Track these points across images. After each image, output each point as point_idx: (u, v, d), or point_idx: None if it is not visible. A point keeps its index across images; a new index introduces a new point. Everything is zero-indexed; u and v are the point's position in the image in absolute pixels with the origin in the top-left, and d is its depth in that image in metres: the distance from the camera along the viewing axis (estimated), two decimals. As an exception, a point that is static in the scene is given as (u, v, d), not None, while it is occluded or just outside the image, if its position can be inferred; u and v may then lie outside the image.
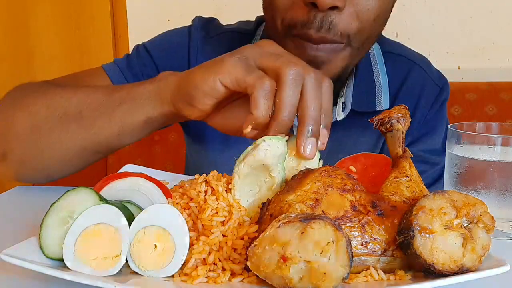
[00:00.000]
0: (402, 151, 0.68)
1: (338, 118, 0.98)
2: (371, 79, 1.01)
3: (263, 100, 0.64)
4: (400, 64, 1.05)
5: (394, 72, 1.03)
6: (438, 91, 1.06)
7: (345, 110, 0.98)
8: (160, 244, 0.56)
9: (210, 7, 1.95)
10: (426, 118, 1.05)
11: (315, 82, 0.66)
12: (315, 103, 0.65)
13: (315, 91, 0.65)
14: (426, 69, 1.07)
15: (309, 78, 0.65)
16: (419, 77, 1.05)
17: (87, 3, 2.04)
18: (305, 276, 0.50)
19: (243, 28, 1.09)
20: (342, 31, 0.81)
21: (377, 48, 1.05)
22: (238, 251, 0.57)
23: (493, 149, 0.71)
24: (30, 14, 2.06)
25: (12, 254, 0.52)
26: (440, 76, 1.09)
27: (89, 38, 2.07)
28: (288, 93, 0.64)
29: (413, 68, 1.05)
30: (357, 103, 0.98)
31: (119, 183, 0.64)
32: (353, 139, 1.01)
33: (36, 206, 0.79)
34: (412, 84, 1.04)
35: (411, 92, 1.03)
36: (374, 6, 0.82)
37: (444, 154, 1.05)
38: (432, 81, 1.06)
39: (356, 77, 0.99)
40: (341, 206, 0.57)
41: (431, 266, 0.52)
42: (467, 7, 1.86)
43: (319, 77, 0.67)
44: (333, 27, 0.80)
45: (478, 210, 0.55)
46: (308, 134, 0.64)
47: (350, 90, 0.99)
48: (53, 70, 2.09)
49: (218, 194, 0.62)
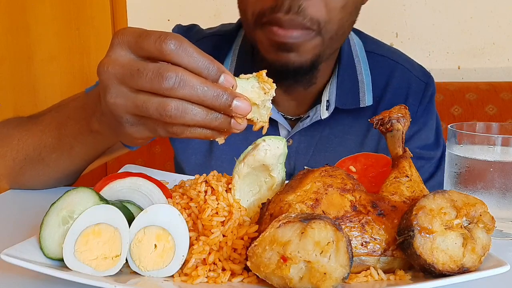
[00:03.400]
0: (402, 151, 0.68)
1: (323, 117, 0.99)
2: (354, 77, 1.01)
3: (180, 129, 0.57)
4: (384, 65, 1.06)
5: (378, 73, 1.04)
6: (424, 87, 1.06)
7: (329, 108, 0.99)
8: (160, 244, 0.56)
9: (210, 7, 1.95)
10: (417, 115, 1.05)
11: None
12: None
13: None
14: (409, 68, 1.08)
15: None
16: (404, 76, 1.06)
17: (87, 3, 2.04)
18: (305, 276, 0.50)
19: (224, 30, 1.09)
20: (312, 16, 0.82)
21: (360, 46, 1.06)
22: (238, 251, 0.57)
23: (493, 149, 0.71)
24: (30, 14, 2.06)
25: (12, 254, 0.52)
26: (424, 72, 1.10)
27: (89, 38, 2.07)
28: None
29: (396, 69, 1.06)
30: (341, 100, 0.99)
31: (119, 183, 0.64)
32: (339, 137, 1.02)
33: (36, 206, 0.79)
34: (397, 84, 1.05)
35: (397, 92, 1.04)
36: None
37: (437, 146, 1.07)
38: (417, 78, 1.07)
39: (339, 75, 1.00)
40: (341, 206, 0.57)
41: (431, 266, 0.52)
42: (467, 7, 1.86)
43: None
44: (302, 11, 0.81)
45: (478, 210, 0.55)
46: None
47: (333, 88, 1.00)
48: (53, 70, 2.10)
49: (218, 194, 0.62)
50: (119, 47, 0.57)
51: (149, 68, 0.54)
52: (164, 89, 0.54)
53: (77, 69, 2.09)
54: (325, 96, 0.99)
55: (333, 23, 0.85)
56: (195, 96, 0.54)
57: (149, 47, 0.55)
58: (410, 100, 1.04)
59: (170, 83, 0.53)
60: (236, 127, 0.57)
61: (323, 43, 0.87)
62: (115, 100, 0.57)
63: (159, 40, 0.54)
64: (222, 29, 1.11)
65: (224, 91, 0.55)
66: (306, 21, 0.82)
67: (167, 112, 0.54)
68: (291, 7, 0.81)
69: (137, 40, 0.56)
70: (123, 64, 0.56)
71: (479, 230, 0.54)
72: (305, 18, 0.82)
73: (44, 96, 2.12)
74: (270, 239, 0.51)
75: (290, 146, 1.02)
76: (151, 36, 0.55)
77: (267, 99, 0.59)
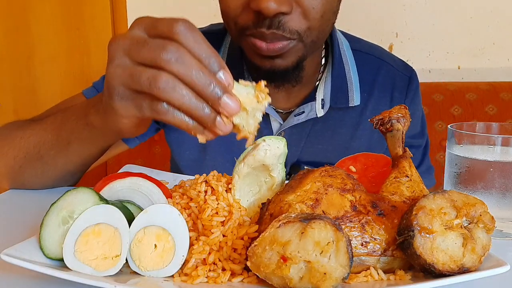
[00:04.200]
0: (402, 151, 0.68)
1: (319, 115, 1.02)
2: (344, 75, 1.05)
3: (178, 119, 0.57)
4: (370, 63, 1.10)
5: (364, 70, 1.08)
6: (408, 80, 1.12)
7: (324, 106, 1.02)
8: (160, 244, 0.56)
9: (209, 7, 1.95)
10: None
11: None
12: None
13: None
14: (393, 64, 1.13)
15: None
16: (388, 73, 1.11)
17: (87, 3, 2.04)
18: (305, 276, 0.50)
19: (213, 29, 1.11)
20: (291, 29, 0.85)
21: (347, 45, 1.09)
22: (238, 251, 0.57)
23: (493, 149, 0.71)
24: (30, 14, 2.06)
25: (12, 254, 0.52)
26: (406, 66, 1.15)
27: (89, 38, 2.07)
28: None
29: (382, 66, 1.11)
30: (333, 99, 1.03)
31: (119, 183, 0.64)
32: (330, 131, 1.05)
33: (36, 206, 0.79)
34: (383, 80, 1.10)
35: (383, 88, 1.09)
36: (319, 5, 0.85)
37: (423, 135, 1.13)
38: (400, 73, 1.12)
39: (333, 74, 1.04)
40: (341, 206, 0.57)
41: (431, 266, 0.52)
42: (467, 7, 1.86)
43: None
44: (282, 25, 0.84)
45: (478, 210, 0.55)
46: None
47: (328, 86, 1.03)
48: (53, 70, 2.09)
49: (218, 194, 0.62)
50: (136, 28, 0.59)
51: (154, 41, 0.56)
52: (160, 60, 0.54)
53: (77, 69, 2.09)
54: (320, 94, 1.03)
55: (313, 30, 0.88)
56: (188, 76, 0.54)
57: (162, 26, 0.56)
58: (396, 95, 1.10)
59: (168, 56, 0.54)
60: (220, 126, 0.56)
61: (305, 46, 0.89)
62: (115, 69, 0.58)
63: (172, 21, 0.56)
64: (211, 28, 1.12)
65: (217, 83, 0.55)
66: (286, 33, 0.85)
67: (156, 83, 0.54)
68: (272, 23, 0.83)
69: (153, 21, 0.58)
70: (133, 38, 0.58)
71: (479, 230, 0.54)
72: (284, 31, 0.84)
73: (44, 96, 2.12)
74: (270, 239, 0.51)
75: None
76: (166, 18, 0.57)
77: (259, 109, 0.58)
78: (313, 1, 0.85)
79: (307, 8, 0.85)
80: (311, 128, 1.05)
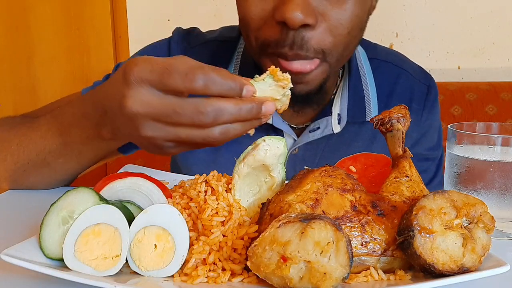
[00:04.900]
0: (402, 151, 0.68)
1: (335, 131, 0.98)
2: (361, 89, 1.00)
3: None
4: (388, 72, 1.05)
5: (383, 80, 1.03)
6: (426, 90, 1.06)
7: (341, 122, 0.98)
8: (160, 244, 0.56)
9: (210, 7, 1.95)
10: (422, 120, 1.05)
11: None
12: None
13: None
14: (411, 72, 1.07)
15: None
16: (407, 82, 1.06)
17: (87, 3, 2.04)
18: (305, 276, 0.50)
19: (226, 36, 1.07)
20: (316, 47, 0.81)
21: (364, 55, 1.05)
22: (238, 251, 0.57)
23: (493, 149, 0.71)
24: (30, 14, 2.06)
25: (12, 254, 0.52)
26: (425, 74, 1.09)
27: (89, 38, 2.07)
28: None
29: (400, 75, 1.06)
30: (350, 114, 0.98)
31: (119, 183, 0.64)
32: (346, 145, 1.01)
33: (36, 206, 0.79)
34: (401, 90, 1.04)
35: (401, 99, 1.03)
36: (347, 20, 0.81)
37: (439, 146, 1.08)
38: (418, 82, 1.07)
39: (350, 88, 0.99)
40: (341, 206, 0.57)
41: (431, 266, 0.52)
42: (467, 7, 1.86)
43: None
44: (305, 43, 0.80)
45: (478, 210, 0.55)
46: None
47: (344, 101, 0.99)
48: (53, 70, 2.09)
49: (218, 194, 0.62)
50: (140, 87, 0.60)
51: (186, 108, 0.58)
52: (206, 124, 0.59)
53: (77, 69, 2.09)
54: (336, 109, 0.98)
55: (338, 49, 0.83)
56: (232, 119, 0.59)
57: (178, 86, 0.58)
58: (414, 106, 1.04)
59: (210, 117, 0.58)
60: (264, 121, 0.62)
61: (329, 67, 0.85)
62: (152, 133, 0.61)
63: (188, 79, 0.58)
64: (223, 34, 1.09)
65: (252, 103, 0.59)
66: (310, 52, 0.81)
67: (213, 139, 0.60)
68: (294, 41, 0.79)
69: (161, 80, 0.59)
70: (153, 105, 0.59)
71: (479, 230, 0.54)
72: (308, 50, 0.80)
73: (44, 96, 2.11)
74: (270, 239, 0.51)
75: (296, 155, 1.01)
76: (175, 74, 0.59)
77: (286, 91, 0.62)
78: (341, 16, 0.80)
79: (333, 22, 0.80)
80: (326, 143, 1.00)
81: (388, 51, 1.12)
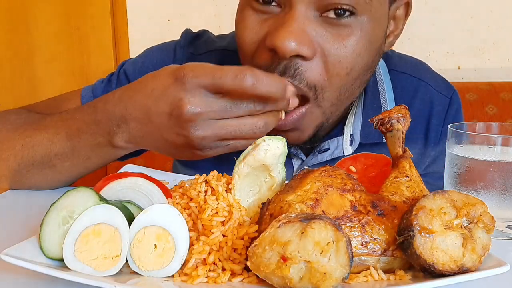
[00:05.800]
0: (402, 151, 0.68)
1: (346, 153, 0.90)
2: (378, 107, 0.92)
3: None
4: (405, 84, 0.97)
5: (402, 94, 0.95)
6: (448, 104, 0.98)
7: (353, 143, 0.90)
8: (160, 244, 0.56)
9: (210, 7, 1.95)
10: (441, 136, 0.97)
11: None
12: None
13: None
14: (432, 84, 0.98)
15: None
16: (427, 95, 0.97)
17: (87, 3, 2.04)
18: (305, 276, 0.50)
19: (235, 46, 1.01)
20: (309, 81, 0.75)
21: (384, 68, 0.97)
22: (238, 251, 0.57)
23: (493, 149, 0.71)
24: (30, 14, 2.06)
25: (12, 254, 0.52)
26: (447, 86, 1.01)
27: (89, 38, 2.07)
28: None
29: (419, 87, 0.97)
30: (364, 135, 0.90)
31: (119, 183, 0.64)
32: None
33: (36, 206, 0.79)
34: (419, 105, 0.96)
35: (420, 114, 0.95)
36: (347, 59, 0.74)
37: None
38: (440, 95, 0.98)
39: (365, 107, 0.91)
40: (341, 206, 0.57)
41: (431, 266, 0.52)
42: (467, 7, 1.86)
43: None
44: (298, 75, 0.74)
45: (478, 210, 0.55)
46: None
47: (358, 120, 0.91)
48: (53, 70, 2.09)
49: (218, 194, 0.62)
50: (194, 90, 0.66)
51: (240, 107, 0.67)
52: (257, 111, 0.68)
53: (77, 69, 2.09)
54: (349, 129, 0.90)
55: (332, 91, 0.76)
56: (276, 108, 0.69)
57: (229, 86, 0.65)
58: (433, 122, 0.96)
59: (261, 104, 0.68)
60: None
61: (323, 113, 0.79)
62: (204, 133, 0.68)
63: (238, 80, 0.64)
64: (233, 44, 1.02)
65: (286, 97, 0.69)
66: (303, 85, 0.74)
67: (259, 128, 0.68)
68: (286, 69, 0.74)
69: (213, 83, 0.66)
70: (210, 105, 0.67)
71: (479, 230, 0.54)
72: (301, 82, 0.74)
73: (44, 96, 2.09)
74: (270, 239, 0.51)
75: None
76: (226, 75, 0.65)
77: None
78: (341, 52, 0.73)
79: (331, 59, 0.73)
80: (336, 162, 0.95)
81: (407, 59, 1.03)
